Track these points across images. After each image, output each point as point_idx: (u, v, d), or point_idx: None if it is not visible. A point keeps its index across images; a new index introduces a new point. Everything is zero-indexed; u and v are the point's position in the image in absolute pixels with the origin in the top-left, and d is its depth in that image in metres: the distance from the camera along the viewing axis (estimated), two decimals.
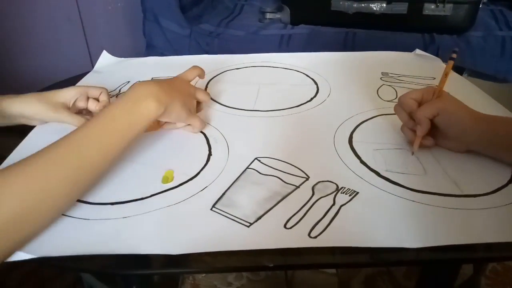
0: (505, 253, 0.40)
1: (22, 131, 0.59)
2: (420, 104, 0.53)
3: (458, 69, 0.82)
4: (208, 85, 0.75)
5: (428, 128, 0.51)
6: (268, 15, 1.44)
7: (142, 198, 0.45)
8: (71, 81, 0.77)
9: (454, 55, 0.55)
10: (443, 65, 0.84)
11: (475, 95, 0.70)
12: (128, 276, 0.49)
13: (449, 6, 1.23)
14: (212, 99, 0.69)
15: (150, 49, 1.47)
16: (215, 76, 0.78)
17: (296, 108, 0.66)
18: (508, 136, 0.48)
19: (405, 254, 0.39)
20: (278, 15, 1.43)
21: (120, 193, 0.46)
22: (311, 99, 0.69)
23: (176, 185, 0.48)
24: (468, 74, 1.24)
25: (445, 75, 0.54)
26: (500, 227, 0.41)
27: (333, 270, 0.92)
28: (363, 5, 1.29)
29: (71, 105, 0.59)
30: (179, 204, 0.45)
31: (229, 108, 0.66)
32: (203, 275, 0.92)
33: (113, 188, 0.47)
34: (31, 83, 0.64)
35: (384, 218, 0.42)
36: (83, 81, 0.77)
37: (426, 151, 0.53)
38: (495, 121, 0.51)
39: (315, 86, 0.74)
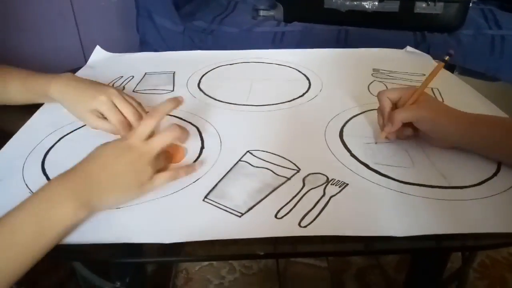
0: (488, 242, 0.41)
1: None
2: (396, 104, 0.53)
3: (449, 67, 0.83)
4: (201, 80, 0.75)
5: (397, 129, 0.51)
6: (262, 12, 1.45)
7: None
8: None
9: (447, 58, 0.53)
10: (434, 62, 0.85)
11: (465, 93, 0.71)
12: (121, 266, 0.50)
13: (440, 4, 1.25)
14: (204, 93, 0.70)
15: (144, 45, 1.47)
16: (208, 72, 0.79)
17: (288, 103, 0.67)
18: (490, 136, 0.49)
19: (393, 243, 0.40)
20: (271, 12, 1.44)
21: None
22: (303, 94, 0.70)
23: None
24: (459, 72, 1.26)
25: (432, 75, 0.53)
26: (486, 217, 0.42)
27: (325, 264, 0.93)
28: (355, 3, 1.30)
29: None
30: (172, 195, 0.45)
31: (221, 103, 0.67)
32: (196, 268, 0.92)
33: None
34: None
35: (373, 208, 0.43)
36: None
37: (414, 145, 0.54)
38: (477, 121, 0.50)
39: (307, 81, 0.75)
